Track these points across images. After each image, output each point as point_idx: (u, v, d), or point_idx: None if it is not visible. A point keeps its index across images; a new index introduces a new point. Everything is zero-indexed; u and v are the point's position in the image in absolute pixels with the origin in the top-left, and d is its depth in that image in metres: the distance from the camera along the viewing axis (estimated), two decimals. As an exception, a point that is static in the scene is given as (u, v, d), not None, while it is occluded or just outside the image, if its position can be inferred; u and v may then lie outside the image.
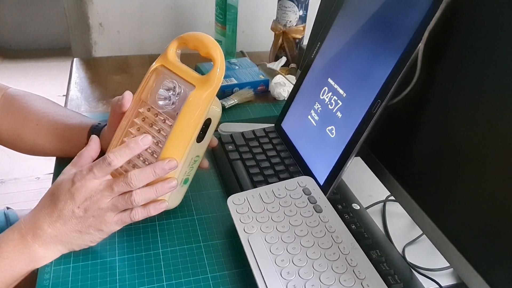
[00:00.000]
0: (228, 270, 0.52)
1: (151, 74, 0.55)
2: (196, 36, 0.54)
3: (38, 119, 0.65)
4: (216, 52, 0.52)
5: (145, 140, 0.50)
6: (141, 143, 0.49)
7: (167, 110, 0.52)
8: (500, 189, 0.40)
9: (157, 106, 0.53)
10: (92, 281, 0.49)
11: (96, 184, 0.48)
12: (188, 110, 0.51)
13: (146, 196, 0.49)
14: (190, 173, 0.56)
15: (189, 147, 0.52)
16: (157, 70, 0.55)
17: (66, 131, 0.64)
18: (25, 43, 2.85)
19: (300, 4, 0.94)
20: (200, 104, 0.51)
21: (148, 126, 0.53)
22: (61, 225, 0.48)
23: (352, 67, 0.60)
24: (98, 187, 0.48)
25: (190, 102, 0.51)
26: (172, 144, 0.51)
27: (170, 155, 0.51)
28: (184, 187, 0.57)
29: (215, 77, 0.51)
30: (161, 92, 0.53)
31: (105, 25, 1.06)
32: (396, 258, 0.55)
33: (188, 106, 0.51)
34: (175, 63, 0.54)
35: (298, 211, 0.53)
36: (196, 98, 0.51)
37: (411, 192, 0.52)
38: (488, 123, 0.42)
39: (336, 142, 0.58)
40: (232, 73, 0.93)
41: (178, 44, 0.55)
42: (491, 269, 0.41)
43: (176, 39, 0.55)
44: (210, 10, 1.04)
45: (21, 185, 1.82)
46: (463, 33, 0.46)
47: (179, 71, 0.54)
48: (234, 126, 0.77)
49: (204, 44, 0.53)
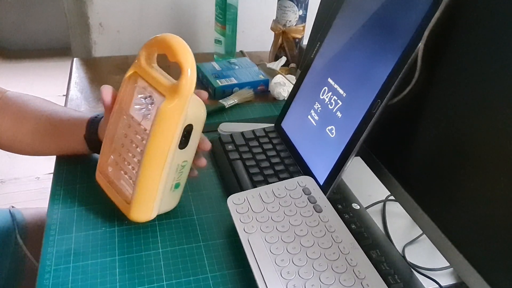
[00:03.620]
0: (228, 270, 0.52)
1: (126, 83, 0.53)
2: (163, 40, 0.50)
3: (36, 117, 0.65)
4: (185, 57, 0.48)
5: None
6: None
7: (146, 120, 0.51)
8: (500, 189, 0.40)
9: (137, 116, 0.52)
10: (92, 281, 0.49)
11: None
12: (159, 123, 0.49)
13: None
14: (180, 178, 0.55)
15: (169, 157, 0.51)
16: (131, 78, 0.53)
17: (65, 126, 0.64)
18: (25, 43, 2.85)
19: (300, 4, 0.94)
20: (171, 116, 0.49)
21: (133, 133, 0.53)
22: None
23: (352, 67, 0.60)
24: None
25: (160, 115, 0.48)
26: (149, 158, 0.50)
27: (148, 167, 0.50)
28: (177, 191, 0.57)
29: (184, 85, 0.48)
30: (137, 102, 0.51)
31: (105, 25, 1.06)
32: (396, 258, 0.55)
33: (159, 119, 0.49)
34: (148, 70, 0.52)
35: (298, 211, 0.53)
36: (166, 110, 0.48)
37: (411, 192, 0.52)
38: (488, 123, 0.42)
39: (336, 142, 0.58)
40: (232, 73, 0.93)
41: (148, 49, 0.52)
42: (491, 269, 0.41)
43: (146, 43, 0.52)
44: (210, 10, 1.04)
45: (21, 185, 1.81)
46: (463, 33, 0.46)
47: (151, 79, 0.51)
48: (234, 126, 0.77)
49: (171, 48, 0.48)
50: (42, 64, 2.75)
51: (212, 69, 0.94)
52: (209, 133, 0.76)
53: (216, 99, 0.86)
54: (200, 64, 0.95)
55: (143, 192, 0.52)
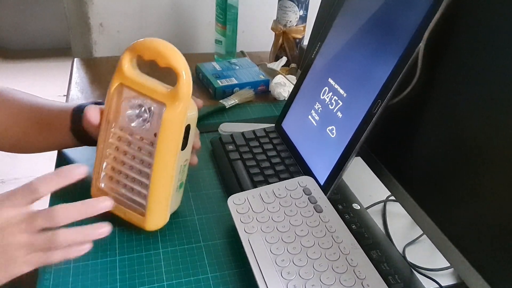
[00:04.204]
0: (228, 270, 0.52)
1: (113, 96, 0.51)
2: (150, 45, 0.48)
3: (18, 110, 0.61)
4: (178, 61, 0.47)
5: (80, 169, 0.44)
6: (75, 172, 0.43)
7: (143, 129, 0.50)
8: (500, 189, 0.40)
9: (130, 127, 0.51)
10: (93, 281, 0.49)
11: (13, 213, 0.40)
12: (166, 131, 0.49)
13: (71, 238, 0.43)
14: (183, 177, 0.56)
15: (176, 160, 0.51)
16: (117, 90, 0.51)
17: (49, 117, 0.60)
18: (25, 43, 2.85)
19: (300, 4, 0.94)
20: (177, 123, 0.49)
21: (126, 145, 0.52)
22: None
23: (352, 67, 0.60)
24: (14, 217, 0.40)
25: (166, 123, 0.48)
26: (160, 167, 0.50)
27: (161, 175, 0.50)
28: (181, 191, 0.57)
29: (183, 90, 0.48)
30: (130, 114, 0.50)
31: (105, 25, 1.06)
32: (397, 258, 0.55)
33: (166, 127, 0.49)
34: (135, 79, 0.50)
35: (298, 211, 0.53)
36: (172, 118, 0.48)
37: (411, 192, 0.52)
38: (489, 123, 0.42)
39: (337, 142, 0.58)
40: (232, 73, 0.93)
41: (131, 56, 0.49)
42: (491, 269, 0.41)
43: (128, 49, 0.49)
44: (210, 10, 1.04)
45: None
46: (463, 33, 0.46)
47: (142, 88, 0.49)
48: (235, 126, 0.77)
49: (162, 54, 0.47)
50: (43, 64, 2.75)
51: (213, 69, 0.94)
52: (209, 133, 0.76)
53: (216, 99, 0.86)
54: (201, 64, 0.95)
55: (158, 200, 0.52)
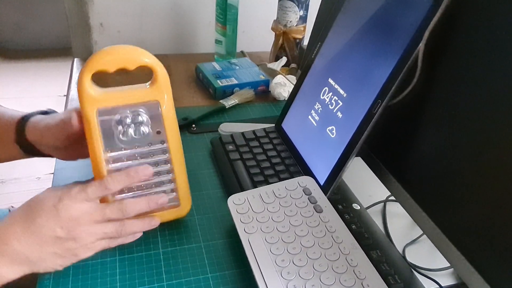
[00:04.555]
0: (228, 270, 0.52)
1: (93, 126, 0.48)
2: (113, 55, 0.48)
3: None
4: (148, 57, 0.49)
5: (146, 171, 0.49)
6: (141, 173, 0.49)
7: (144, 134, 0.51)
8: (500, 189, 0.40)
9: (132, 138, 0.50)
10: (93, 281, 0.49)
11: (87, 206, 0.45)
12: (170, 121, 0.52)
13: (134, 228, 0.49)
14: None
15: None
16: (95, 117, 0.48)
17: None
18: (25, 43, 2.85)
19: (300, 4, 0.94)
20: (172, 109, 0.52)
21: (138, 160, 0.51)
22: (34, 243, 0.43)
23: (352, 67, 0.60)
24: (88, 209, 0.45)
25: (167, 114, 0.52)
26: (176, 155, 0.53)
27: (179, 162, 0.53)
28: None
29: (164, 80, 0.51)
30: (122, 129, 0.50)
31: (106, 25, 1.06)
32: (396, 258, 0.55)
33: (168, 118, 0.52)
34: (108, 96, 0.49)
35: (298, 211, 0.53)
36: (169, 108, 0.52)
37: (411, 192, 0.52)
38: (489, 123, 0.42)
39: (337, 142, 0.58)
40: (232, 73, 0.93)
41: (91, 74, 0.47)
42: (491, 269, 0.41)
43: (85, 70, 0.47)
44: (211, 10, 1.04)
45: (22, 185, 1.82)
46: (463, 33, 0.46)
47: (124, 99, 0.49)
48: (235, 126, 0.77)
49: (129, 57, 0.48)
50: (43, 64, 2.75)
51: (213, 69, 0.94)
52: (209, 133, 0.76)
53: (216, 99, 0.86)
54: (201, 64, 0.95)
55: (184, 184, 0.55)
